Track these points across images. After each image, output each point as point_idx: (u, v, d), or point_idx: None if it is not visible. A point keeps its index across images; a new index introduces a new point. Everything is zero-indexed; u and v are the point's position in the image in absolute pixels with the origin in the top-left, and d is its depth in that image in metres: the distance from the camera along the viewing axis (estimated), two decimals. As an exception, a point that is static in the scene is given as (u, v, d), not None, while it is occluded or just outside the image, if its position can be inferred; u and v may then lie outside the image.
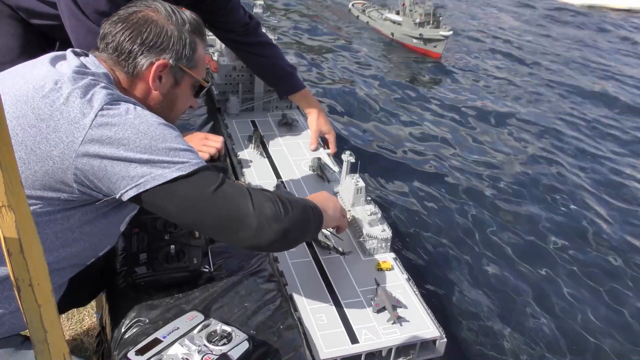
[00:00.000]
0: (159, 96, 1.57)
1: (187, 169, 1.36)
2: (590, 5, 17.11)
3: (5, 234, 0.83)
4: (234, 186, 1.46)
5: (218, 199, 1.40)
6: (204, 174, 1.40)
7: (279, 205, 1.49)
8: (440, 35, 11.25)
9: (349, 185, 2.42)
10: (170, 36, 1.52)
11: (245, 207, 1.43)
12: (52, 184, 1.31)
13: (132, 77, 1.52)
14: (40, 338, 0.91)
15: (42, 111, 1.30)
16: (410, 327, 1.97)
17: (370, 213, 2.35)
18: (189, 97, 1.68)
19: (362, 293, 2.09)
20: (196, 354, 1.37)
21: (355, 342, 1.88)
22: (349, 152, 2.46)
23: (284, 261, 2.18)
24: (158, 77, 1.53)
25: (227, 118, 3.27)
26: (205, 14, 2.75)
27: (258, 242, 1.47)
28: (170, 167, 1.34)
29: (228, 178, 1.50)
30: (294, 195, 2.37)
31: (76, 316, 2.82)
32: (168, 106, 1.60)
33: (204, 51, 1.65)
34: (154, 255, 1.73)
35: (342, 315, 1.98)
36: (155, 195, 1.35)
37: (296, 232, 1.55)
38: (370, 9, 13.61)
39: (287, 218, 1.49)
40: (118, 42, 1.49)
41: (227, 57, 3.29)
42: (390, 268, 2.24)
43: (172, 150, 1.36)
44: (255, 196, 1.47)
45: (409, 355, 1.99)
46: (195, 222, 1.45)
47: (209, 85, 1.70)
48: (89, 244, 1.49)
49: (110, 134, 1.29)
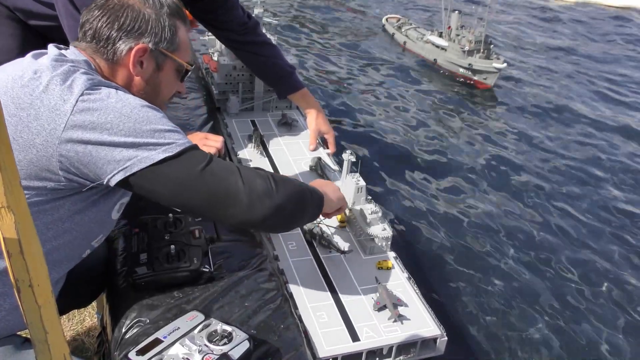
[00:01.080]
0: (142, 82, 1.54)
1: (173, 150, 1.35)
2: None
3: (5, 234, 0.83)
4: (223, 163, 1.46)
5: (207, 177, 1.40)
6: (191, 153, 1.40)
7: (271, 181, 1.49)
8: (493, 67, 9.82)
9: (349, 185, 2.42)
10: (148, 20, 1.49)
11: (235, 184, 1.43)
12: (37, 172, 1.30)
13: (113, 63, 1.50)
14: (40, 338, 0.92)
15: (22, 100, 1.30)
16: (411, 326, 1.97)
17: (371, 212, 2.34)
18: (175, 82, 1.65)
19: (363, 291, 2.09)
20: (197, 353, 1.37)
21: (356, 340, 1.88)
22: (349, 151, 2.46)
23: (285, 260, 2.18)
24: (139, 62, 1.51)
25: (227, 117, 3.27)
26: (204, 12, 2.75)
27: (249, 217, 1.47)
28: (157, 148, 1.33)
29: (217, 156, 1.49)
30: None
31: (77, 316, 2.82)
32: (152, 92, 1.58)
33: (186, 34, 1.62)
34: (154, 255, 1.73)
35: (343, 314, 1.98)
36: (143, 178, 1.35)
37: (290, 208, 1.56)
38: (407, 27, 11.48)
39: (279, 194, 1.49)
40: (95, 29, 1.47)
41: (227, 57, 3.29)
42: (391, 267, 2.24)
43: (157, 131, 1.35)
44: (245, 173, 1.47)
45: (409, 353, 1.99)
46: (185, 202, 1.44)
47: (193, 68, 1.67)
48: (81, 233, 1.48)
49: (92, 118, 1.28)
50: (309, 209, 1.72)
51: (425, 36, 10.97)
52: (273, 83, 3.05)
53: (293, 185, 1.60)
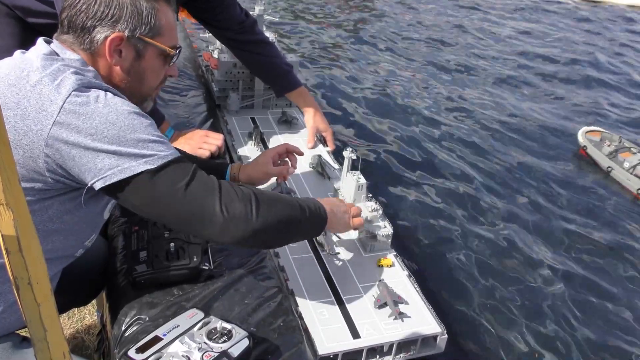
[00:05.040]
0: (122, 72, 1.47)
1: (155, 163, 1.33)
2: None
3: (4, 232, 0.83)
4: (204, 182, 1.42)
5: (184, 196, 1.37)
6: (173, 167, 1.37)
7: (251, 205, 1.45)
8: None
9: (349, 182, 2.42)
10: (122, 6, 1.41)
11: (212, 205, 1.40)
12: (24, 173, 1.29)
13: (92, 54, 1.43)
14: (40, 336, 0.92)
15: (9, 100, 1.28)
16: (411, 323, 1.97)
17: (372, 210, 2.34)
18: (161, 68, 1.56)
19: (364, 289, 2.09)
20: (196, 351, 1.37)
21: (357, 338, 1.88)
22: (350, 149, 2.46)
23: (285, 257, 2.18)
24: (117, 51, 1.44)
25: (227, 115, 3.27)
26: (201, 12, 2.76)
27: (223, 239, 1.45)
28: (138, 159, 1.31)
29: (200, 170, 1.45)
30: (292, 194, 2.37)
31: (77, 315, 2.82)
32: (136, 81, 1.51)
33: (170, 16, 1.53)
34: (154, 253, 1.73)
35: (343, 311, 1.98)
36: (122, 188, 1.33)
37: (272, 232, 1.52)
38: (623, 151, 5.77)
39: (259, 219, 1.45)
40: (70, 19, 1.41)
41: (228, 54, 3.29)
42: (391, 264, 2.24)
43: (141, 141, 1.32)
44: (226, 193, 1.43)
45: (409, 351, 1.99)
46: (159, 216, 1.43)
47: (179, 50, 1.57)
48: (71, 233, 1.48)
49: (78, 122, 1.26)
50: (302, 229, 1.68)
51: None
52: (270, 81, 3.05)
53: (281, 207, 1.54)
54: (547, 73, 8.10)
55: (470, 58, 8.39)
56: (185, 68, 3.67)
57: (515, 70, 8.06)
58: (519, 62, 8.43)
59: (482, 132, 5.91)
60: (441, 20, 10.48)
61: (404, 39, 9.00)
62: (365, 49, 8.29)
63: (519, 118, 6.40)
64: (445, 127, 5.89)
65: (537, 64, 8.47)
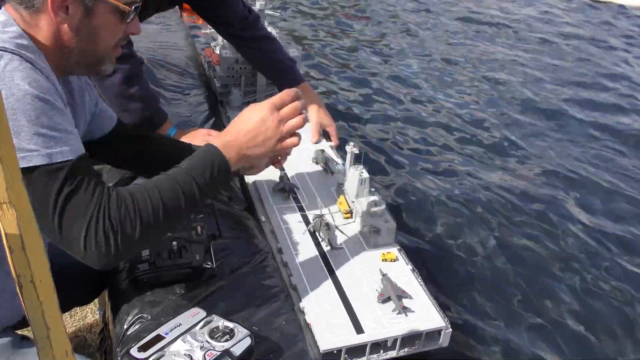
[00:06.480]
0: (71, 31, 1.31)
1: (30, 161, 1.14)
2: None
3: (7, 230, 0.83)
4: (79, 199, 1.21)
5: (49, 209, 1.18)
6: (47, 173, 1.17)
7: (116, 238, 1.24)
8: None
9: (352, 176, 2.42)
10: None
11: (75, 232, 1.21)
12: None
13: (35, 12, 1.28)
14: (42, 335, 0.91)
15: None
16: (415, 318, 1.97)
17: (375, 204, 2.34)
18: (117, 26, 1.39)
19: (367, 284, 2.09)
20: (198, 350, 1.37)
21: (360, 332, 1.88)
22: (352, 143, 2.46)
23: (288, 252, 2.18)
24: (62, 7, 1.28)
25: (230, 111, 3.27)
26: (205, 9, 2.75)
27: (88, 265, 1.27)
28: (19, 153, 1.11)
29: (86, 180, 1.23)
30: (296, 190, 2.32)
31: (79, 313, 2.83)
32: (89, 40, 1.35)
33: None
34: (156, 252, 1.72)
35: (347, 306, 1.98)
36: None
37: (138, 249, 1.49)
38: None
39: (117, 254, 1.26)
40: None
41: (230, 50, 3.28)
42: (395, 259, 2.23)
43: (24, 132, 1.14)
44: (94, 221, 1.22)
45: (413, 345, 1.99)
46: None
47: (137, 6, 1.39)
48: None
49: None
50: (186, 209, 1.41)
51: None
52: (274, 77, 3.05)
53: (146, 214, 1.30)
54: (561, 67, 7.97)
55: (480, 53, 8.30)
56: (187, 67, 3.66)
57: (523, 63, 8.00)
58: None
59: (488, 126, 5.88)
60: (450, 15, 10.38)
61: (409, 33, 8.94)
62: (371, 43, 8.25)
63: (530, 110, 6.30)
64: (452, 122, 5.86)
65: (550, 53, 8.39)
